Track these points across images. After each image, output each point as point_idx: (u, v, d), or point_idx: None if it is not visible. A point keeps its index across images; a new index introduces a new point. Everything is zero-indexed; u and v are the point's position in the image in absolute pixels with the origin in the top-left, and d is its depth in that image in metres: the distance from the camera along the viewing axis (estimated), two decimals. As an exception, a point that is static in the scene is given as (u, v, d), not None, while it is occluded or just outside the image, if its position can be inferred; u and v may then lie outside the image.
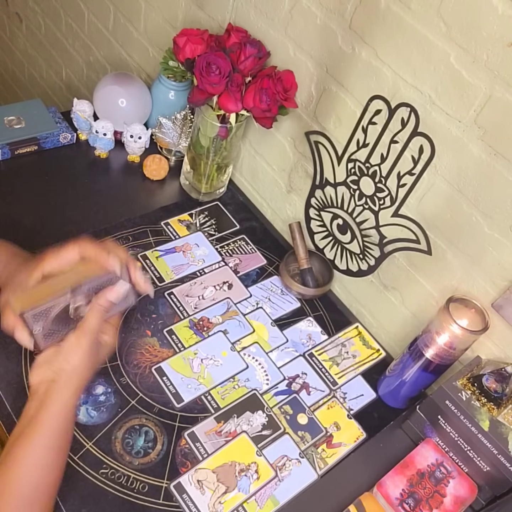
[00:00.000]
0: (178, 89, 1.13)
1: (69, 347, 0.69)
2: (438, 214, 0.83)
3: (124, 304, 0.74)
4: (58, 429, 0.66)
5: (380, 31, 0.80)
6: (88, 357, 0.69)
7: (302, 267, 1.01)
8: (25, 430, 0.65)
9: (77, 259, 0.70)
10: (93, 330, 0.69)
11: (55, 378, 0.67)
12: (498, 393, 0.76)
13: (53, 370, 0.68)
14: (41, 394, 0.67)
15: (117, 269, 0.70)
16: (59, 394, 0.67)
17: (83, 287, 0.69)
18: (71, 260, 0.70)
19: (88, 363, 0.69)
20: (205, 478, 0.76)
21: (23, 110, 1.11)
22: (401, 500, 0.76)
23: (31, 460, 0.64)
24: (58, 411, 0.66)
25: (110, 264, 0.70)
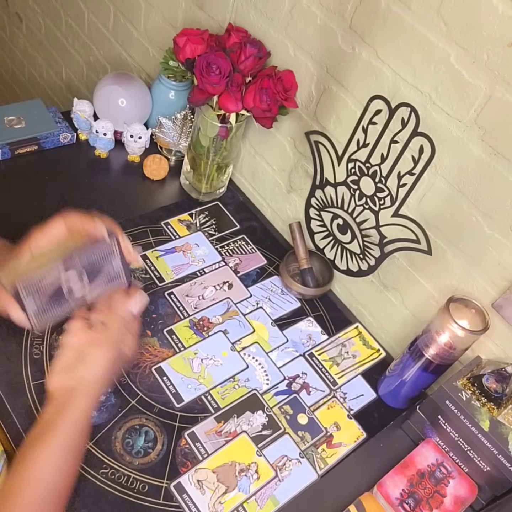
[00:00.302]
0: (178, 89, 1.13)
1: (93, 358, 0.69)
2: (438, 214, 0.83)
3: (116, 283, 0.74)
4: (74, 436, 0.67)
5: (380, 31, 0.80)
6: (110, 367, 0.70)
7: (302, 267, 1.01)
8: (43, 434, 0.65)
9: (65, 233, 0.69)
10: (116, 342, 0.70)
11: (76, 387, 0.68)
12: (498, 393, 0.76)
13: (74, 378, 0.68)
14: (60, 401, 0.68)
15: (105, 234, 0.69)
16: (78, 403, 0.67)
17: (74, 259, 0.67)
18: (58, 235, 0.69)
19: (109, 373, 0.70)
20: (205, 478, 0.76)
21: (23, 110, 1.11)
22: (401, 500, 0.76)
23: (47, 463, 0.64)
24: (76, 419, 0.67)
25: (97, 230, 0.69)
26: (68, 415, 0.67)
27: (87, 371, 0.69)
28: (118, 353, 0.71)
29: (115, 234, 0.71)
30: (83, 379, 0.68)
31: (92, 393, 0.69)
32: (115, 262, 0.73)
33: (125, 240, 0.73)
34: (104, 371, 0.70)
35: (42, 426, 0.66)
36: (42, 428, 0.66)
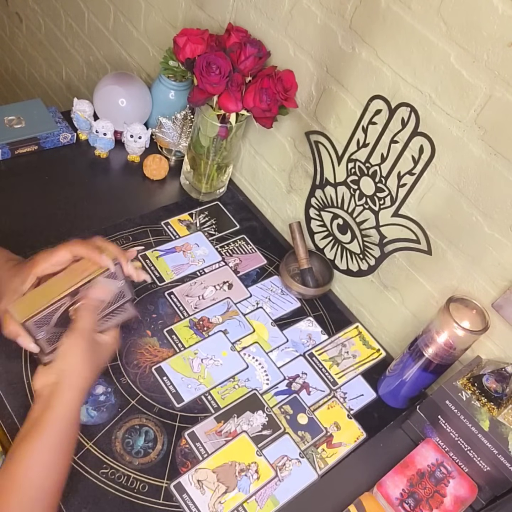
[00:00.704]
0: (178, 89, 1.13)
1: (65, 348, 0.69)
2: (438, 214, 0.83)
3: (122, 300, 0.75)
4: (62, 431, 0.67)
5: (380, 31, 0.80)
6: (87, 356, 0.69)
7: (302, 267, 1.01)
8: (30, 431, 0.66)
9: (70, 260, 0.70)
10: (85, 328, 0.70)
11: (58, 380, 0.68)
12: (498, 393, 0.76)
13: (54, 372, 0.68)
14: (45, 396, 0.68)
15: (111, 266, 0.70)
16: (62, 395, 0.67)
17: (81, 289, 0.69)
18: (63, 262, 0.70)
19: (87, 362, 0.70)
20: (205, 478, 0.76)
21: (23, 110, 1.11)
22: (401, 500, 0.76)
23: (35, 460, 0.64)
24: (62, 412, 0.67)
25: (103, 262, 0.70)
26: (53, 410, 0.66)
27: (64, 362, 0.68)
28: (91, 341, 0.70)
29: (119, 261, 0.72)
30: (63, 371, 0.68)
31: (76, 384, 0.68)
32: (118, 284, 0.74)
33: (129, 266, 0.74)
34: (79, 358, 0.69)
35: (29, 424, 0.66)
36: (29, 426, 0.66)
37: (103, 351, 0.73)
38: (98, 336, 0.73)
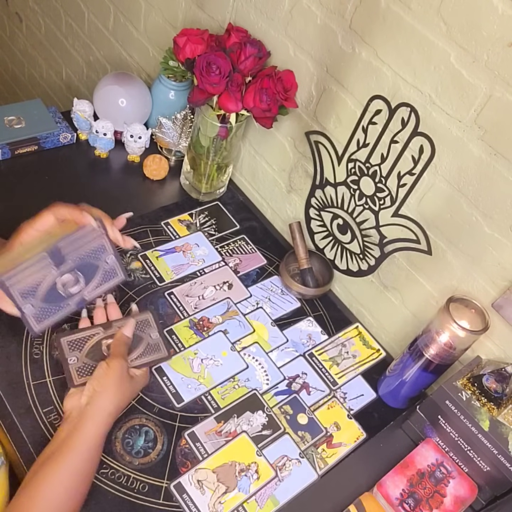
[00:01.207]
0: (178, 89, 1.13)
1: (100, 371, 0.71)
2: (438, 214, 0.83)
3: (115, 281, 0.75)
4: (87, 456, 0.67)
5: (380, 31, 0.80)
6: (120, 382, 0.71)
7: (302, 267, 1.01)
8: (55, 452, 0.66)
9: (55, 224, 0.70)
10: (120, 356, 0.73)
11: (88, 401, 0.69)
12: (498, 393, 0.76)
13: (86, 394, 0.70)
14: (74, 417, 0.69)
15: (93, 224, 0.69)
16: (91, 418, 0.68)
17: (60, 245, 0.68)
18: (48, 226, 0.70)
19: (120, 388, 0.71)
20: (205, 478, 0.76)
21: (23, 110, 1.11)
22: (401, 500, 0.76)
23: (57, 482, 0.64)
24: (89, 436, 0.67)
25: (84, 219, 0.69)
26: (81, 432, 0.67)
27: (97, 384, 0.70)
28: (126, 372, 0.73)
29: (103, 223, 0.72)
30: (94, 392, 0.69)
31: (106, 409, 0.69)
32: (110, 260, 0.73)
33: (114, 229, 0.73)
34: (112, 381, 0.71)
35: (55, 444, 0.67)
36: (55, 447, 0.66)
37: (134, 384, 0.75)
38: (131, 370, 0.75)
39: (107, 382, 0.70)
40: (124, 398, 0.73)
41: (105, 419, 0.70)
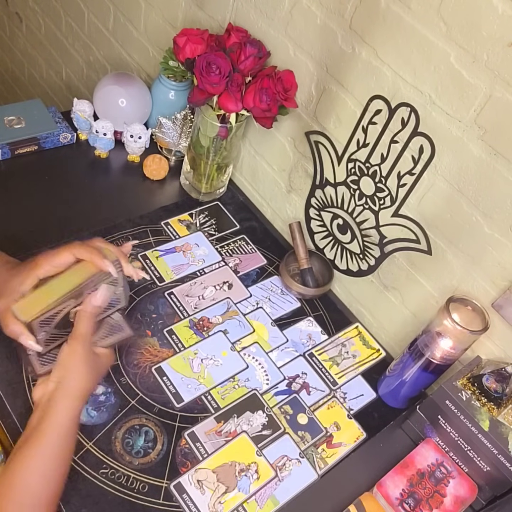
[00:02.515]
0: (178, 89, 1.13)
1: (64, 355, 0.69)
2: (438, 214, 0.83)
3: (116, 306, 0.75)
4: (60, 438, 0.67)
5: (380, 31, 0.80)
6: (85, 363, 0.70)
7: (302, 267, 1.01)
8: (28, 439, 0.66)
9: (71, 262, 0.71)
10: (84, 335, 0.70)
11: (56, 386, 0.68)
12: (498, 393, 0.76)
13: (52, 380, 0.68)
14: (43, 404, 0.68)
15: (113, 271, 0.70)
16: (60, 402, 0.67)
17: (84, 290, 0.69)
18: (65, 264, 0.70)
19: (85, 369, 0.70)
20: (205, 478, 0.76)
21: (23, 110, 1.11)
22: (401, 500, 0.76)
23: (33, 468, 0.64)
24: (60, 419, 0.67)
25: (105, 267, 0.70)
26: (51, 417, 0.66)
27: (62, 369, 0.69)
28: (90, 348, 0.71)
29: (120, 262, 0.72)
30: (60, 377, 0.68)
31: (74, 392, 0.68)
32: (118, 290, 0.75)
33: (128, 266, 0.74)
34: (77, 364, 0.69)
35: (27, 432, 0.66)
36: (28, 434, 0.66)
37: (101, 361, 0.73)
38: (96, 348, 0.73)
39: (72, 365, 0.69)
40: (92, 378, 0.71)
41: (75, 402, 0.68)
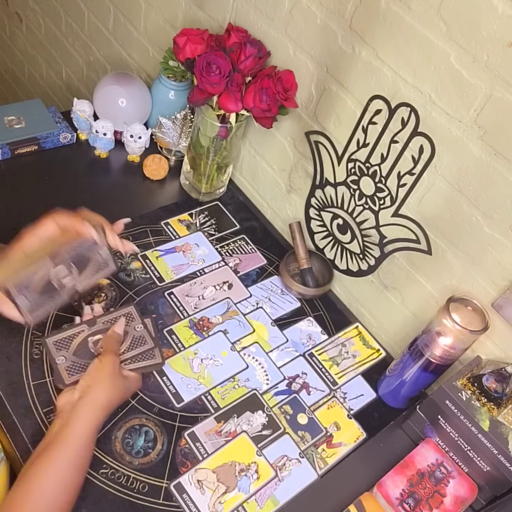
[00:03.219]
0: (178, 89, 1.13)
1: (93, 368, 0.72)
2: (438, 214, 0.83)
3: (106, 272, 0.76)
4: (79, 448, 0.67)
5: (380, 31, 0.80)
6: (112, 378, 0.72)
7: (302, 267, 1.01)
8: (48, 446, 0.66)
9: (56, 232, 0.70)
10: (112, 351, 0.74)
11: (81, 396, 0.69)
12: (498, 393, 0.76)
13: (78, 389, 0.70)
14: (66, 412, 0.69)
15: (94, 235, 0.70)
16: (83, 411, 0.69)
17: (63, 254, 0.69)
18: (49, 234, 0.70)
19: (111, 384, 0.71)
20: (205, 478, 0.76)
21: (23, 110, 1.11)
22: (401, 500, 0.76)
23: (51, 475, 0.65)
24: (81, 429, 0.68)
25: (87, 231, 0.70)
26: (74, 425, 0.67)
27: (90, 378, 0.71)
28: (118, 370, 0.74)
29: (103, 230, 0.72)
30: (87, 387, 0.70)
31: (98, 403, 0.70)
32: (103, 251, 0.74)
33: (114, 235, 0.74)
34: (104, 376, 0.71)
35: (48, 439, 0.67)
36: (48, 441, 0.67)
37: (127, 383, 0.75)
38: (124, 370, 0.76)
39: (100, 377, 0.71)
40: (117, 395, 0.73)
41: (98, 413, 0.69)
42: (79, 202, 1.04)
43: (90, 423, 0.68)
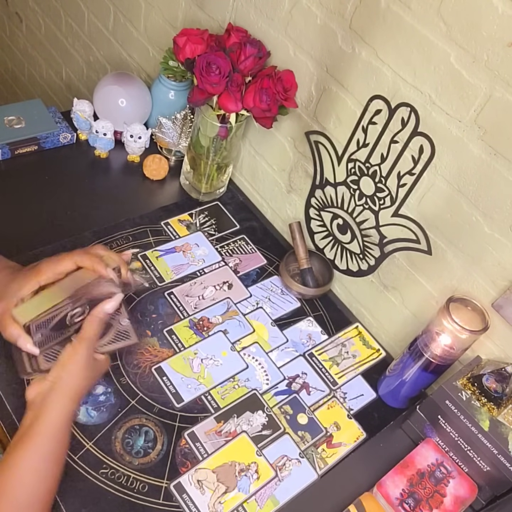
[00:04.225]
0: (178, 89, 1.13)
1: (65, 356, 0.70)
2: (438, 214, 0.83)
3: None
4: (54, 437, 0.67)
5: (380, 31, 0.80)
6: (84, 366, 0.70)
7: (302, 267, 1.01)
8: (22, 438, 0.66)
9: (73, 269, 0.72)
10: (89, 338, 0.71)
11: (52, 386, 0.68)
12: (498, 393, 0.76)
13: (49, 379, 0.69)
14: (38, 404, 0.68)
15: (114, 277, 0.72)
16: (55, 401, 0.68)
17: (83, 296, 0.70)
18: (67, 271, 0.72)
19: (83, 372, 0.70)
20: (205, 478, 0.76)
21: (23, 110, 1.11)
22: (401, 500, 0.76)
23: (27, 467, 0.64)
24: (54, 419, 0.67)
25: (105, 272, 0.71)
26: (46, 416, 0.67)
27: (61, 368, 0.69)
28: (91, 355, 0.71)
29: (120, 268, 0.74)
30: (58, 377, 0.68)
31: (69, 392, 0.69)
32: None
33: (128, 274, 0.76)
34: (77, 366, 0.69)
35: (21, 431, 0.67)
36: (22, 433, 0.66)
37: (98, 367, 0.74)
38: (95, 353, 0.74)
39: (71, 366, 0.69)
40: (87, 382, 0.72)
41: (69, 403, 0.69)
42: (79, 202, 1.05)
43: (61, 414, 0.68)
